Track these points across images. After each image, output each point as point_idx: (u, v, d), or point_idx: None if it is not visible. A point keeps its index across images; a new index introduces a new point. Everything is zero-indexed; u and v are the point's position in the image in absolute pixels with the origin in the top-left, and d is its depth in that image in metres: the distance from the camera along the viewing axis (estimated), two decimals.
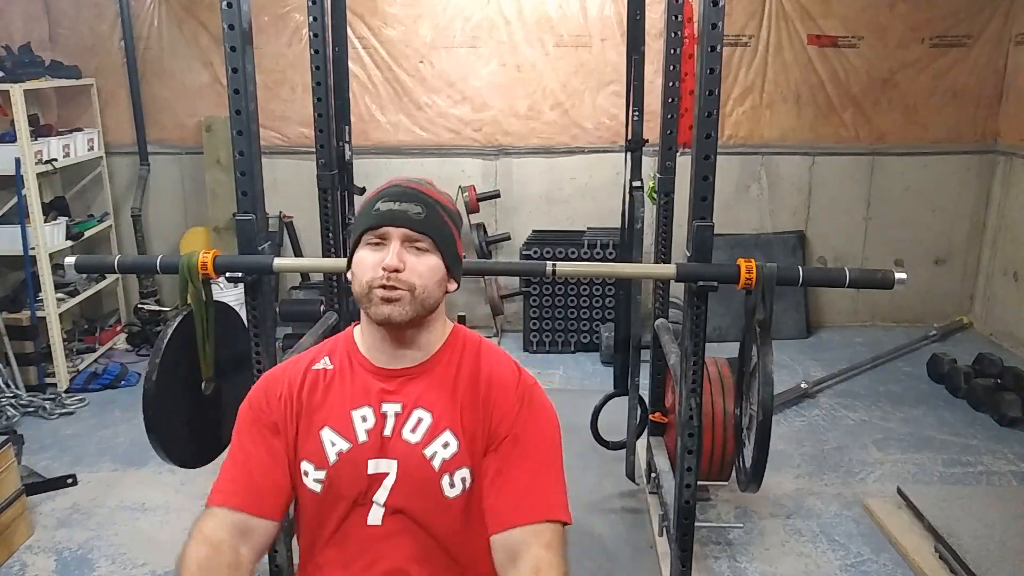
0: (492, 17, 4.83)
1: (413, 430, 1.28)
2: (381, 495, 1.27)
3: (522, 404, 1.30)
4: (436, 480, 1.27)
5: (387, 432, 1.29)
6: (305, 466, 1.30)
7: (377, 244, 1.27)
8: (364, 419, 1.29)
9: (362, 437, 1.28)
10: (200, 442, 2.17)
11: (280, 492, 1.31)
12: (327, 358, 1.37)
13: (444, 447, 1.27)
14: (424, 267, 1.27)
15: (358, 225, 1.30)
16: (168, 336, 2.04)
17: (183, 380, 2.10)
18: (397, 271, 1.24)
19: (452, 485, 1.27)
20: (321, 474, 1.28)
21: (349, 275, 1.32)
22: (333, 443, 1.29)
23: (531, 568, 1.20)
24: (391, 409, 1.30)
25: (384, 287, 1.24)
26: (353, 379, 1.33)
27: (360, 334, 1.38)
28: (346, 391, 1.32)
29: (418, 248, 1.27)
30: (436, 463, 1.27)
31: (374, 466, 1.28)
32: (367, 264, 1.26)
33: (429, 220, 1.28)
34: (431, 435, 1.28)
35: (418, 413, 1.29)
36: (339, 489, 1.28)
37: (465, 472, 1.28)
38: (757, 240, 5.11)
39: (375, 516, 1.28)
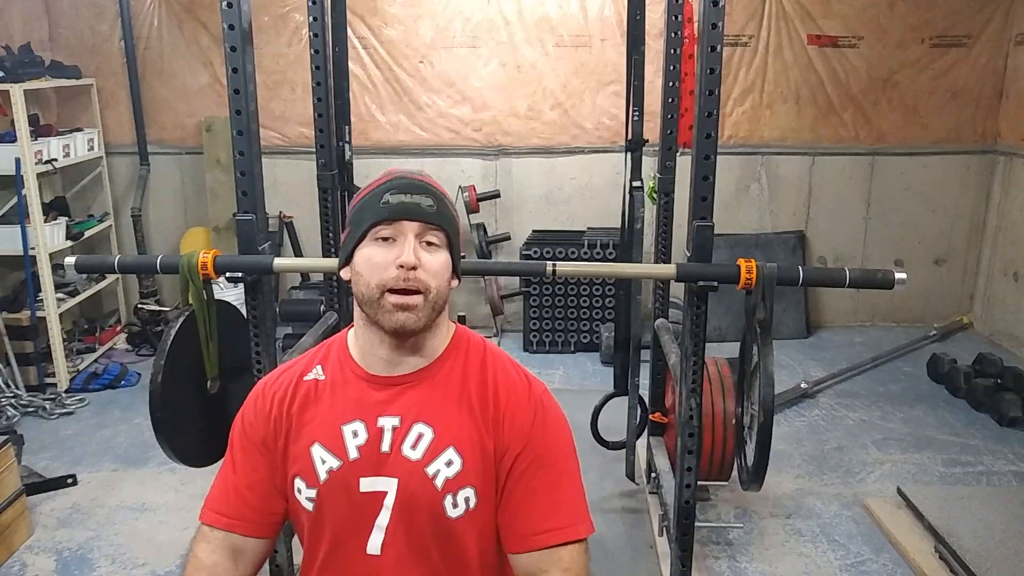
0: (492, 17, 4.83)
1: (413, 446, 1.20)
2: (383, 517, 1.20)
3: (536, 417, 1.23)
4: (439, 500, 1.19)
5: (385, 448, 1.20)
6: (298, 483, 1.23)
7: (386, 240, 1.17)
8: (355, 434, 1.21)
9: (353, 454, 1.21)
10: (206, 440, 2.17)
11: (270, 512, 1.27)
12: (319, 367, 1.28)
13: (447, 465, 1.19)
14: (437, 265, 1.18)
15: (363, 218, 1.19)
16: (172, 337, 2.04)
17: (188, 380, 2.11)
18: (414, 268, 1.15)
19: (455, 505, 1.19)
20: (312, 492, 1.22)
21: (346, 274, 1.23)
22: (323, 460, 1.21)
23: None
24: (388, 423, 1.21)
25: (398, 291, 1.15)
26: (345, 390, 1.24)
27: (354, 338, 1.28)
28: (337, 404, 1.24)
29: (429, 243, 1.19)
30: (439, 482, 1.19)
31: (369, 484, 1.20)
32: (377, 263, 1.16)
33: (440, 213, 1.20)
34: (433, 452, 1.20)
35: (418, 428, 1.21)
36: (331, 508, 1.22)
37: (469, 492, 1.20)
38: (757, 240, 5.11)
39: (374, 544, 1.21)
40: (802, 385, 4.23)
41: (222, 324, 2.14)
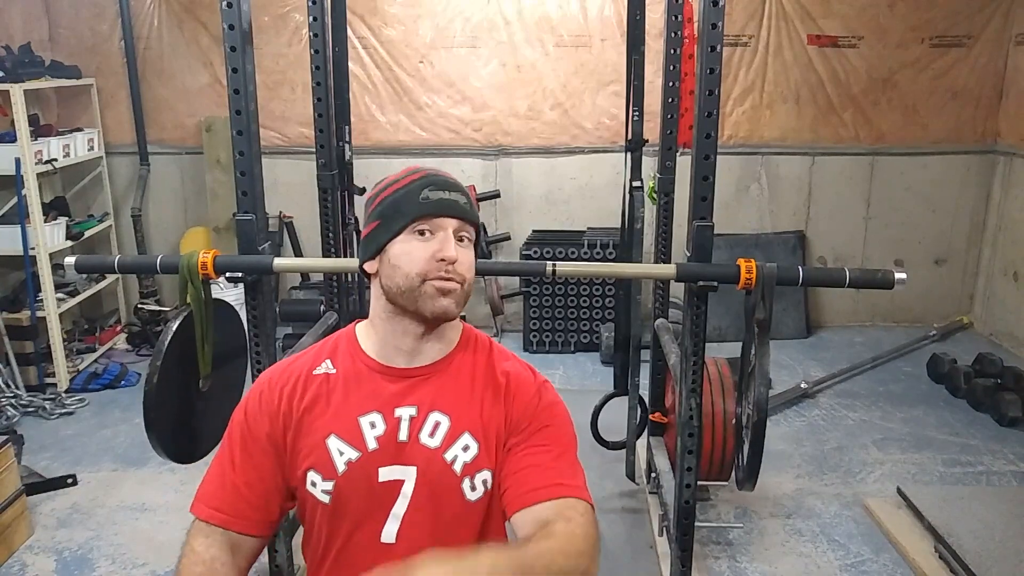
0: (492, 17, 4.83)
1: (431, 434, 1.23)
2: (400, 506, 1.22)
3: (540, 400, 1.28)
4: (457, 484, 1.22)
5: (403, 437, 1.23)
6: (312, 476, 1.24)
7: (422, 234, 1.21)
8: (373, 425, 1.24)
9: (372, 445, 1.23)
10: (197, 437, 2.18)
11: (267, 509, 1.28)
12: (328, 361, 1.30)
13: (464, 450, 1.23)
14: (469, 260, 1.24)
15: (402, 212, 1.22)
16: (168, 338, 2.04)
17: (182, 380, 2.11)
18: (454, 262, 1.20)
19: (474, 488, 1.23)
20: (329, 485, 1.23)
21: (371, 267, 1.26)
22: (341, 452, 1.23)
23: (544, 531, 1.12)
24: (405, 413, 1.24)
25: (440, 279, 1.20)
26: (359, 383, 1.27)
27: (367, 332, 1.31)
28: (351, 396, 1.26)
29: (462, 239, 1.24)
30: (457, 467, 1.22)
31: (387, 473, 1.23)
32: (417, 256, 1.20)
33: (472, 211, 1.26)
34: (451, 439, 1.23)
35: (435, 416, 1.24)
36: (349, 499, 1.23)
37: (487, 474, 1.24)
38: (757, 240, 5.11)
39: (389, 532, 1.23)
40: (802, 385, 4.22)
41: (216, 323, 2.14)
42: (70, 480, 3.31)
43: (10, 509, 2.85)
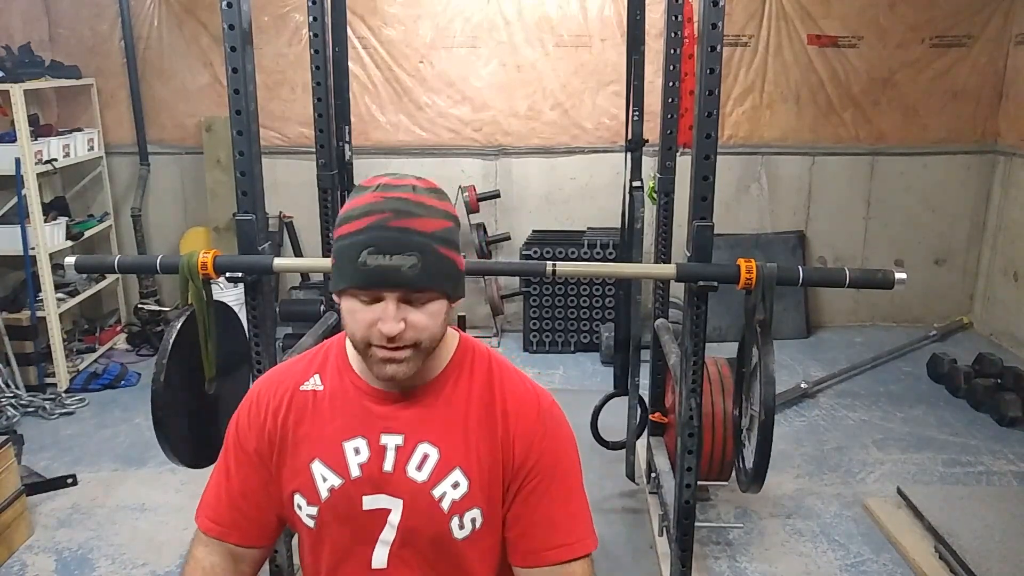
0: (492, 17, 4.83)
1: (419, 467, 1.17)
2: (388, 533, 1.18)
3: (546, 431, 1.20)
4: (445, 522, 1.17)
5: (388, 467, 1.17)
6: (298, 499, 1.21)
7: (365, 299, 1.10)
8: (357, 451, 1.18)
9: (355, 472, 1.18)
10: (203, 441, 2.17)
11: (264, 520, 1.26)
12: (317, 376, 1.24)
13: (454, 487, 1.16)
14: (426, 318, 1.10)
15: (342, 270, 1.09)
16: (173, 336, 2.04)
17: (187, 380, 2.11)
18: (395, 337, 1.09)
19: (461, 527, 1.17)
20: (313, 510, 1.19)
21: (338, 300, 1.15)
22: (324, 478, 1.18)
23: None
24: (391, 441, 1.17)
25: (383, 348, 1.10)
26: (346, 404, 1.20)
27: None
28: (337, 419, 1.20)
29: (411, 302, 1.09)
30: (445, 504, 1.16)
31: (371, 502, 1.18)
32: (360, 320, 1.09)
33: (426, 269, 1.07)
34: (439, 474, 1.17)
35: (423, 448, 1.17)
36: (333, 525, 1.20)
37: (476, 513, 1.17)
38: (757, 240, 5.11)
39: (379, 558, 1.19)
40: (802, 385, 4.23)
41: (217, 324, 2.14)
42: (70, 480, 3.31)
43: (10, 509, 2.85)
